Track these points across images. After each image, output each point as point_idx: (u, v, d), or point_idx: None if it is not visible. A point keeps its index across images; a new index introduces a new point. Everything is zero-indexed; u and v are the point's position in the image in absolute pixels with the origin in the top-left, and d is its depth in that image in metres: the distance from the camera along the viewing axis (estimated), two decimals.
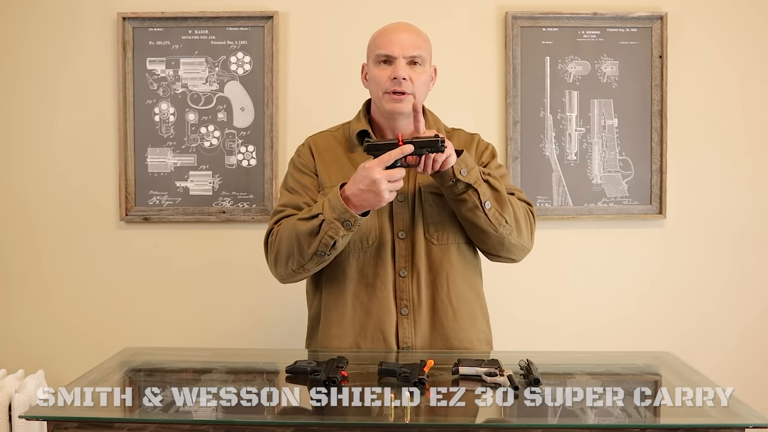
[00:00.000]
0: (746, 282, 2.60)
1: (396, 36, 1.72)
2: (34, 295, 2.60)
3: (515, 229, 1.70)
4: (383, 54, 1.71)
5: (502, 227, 1.68)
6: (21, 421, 2.25)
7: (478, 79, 2.57)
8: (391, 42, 1.71)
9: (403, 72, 1.68)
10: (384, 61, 1.71)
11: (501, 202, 1.68)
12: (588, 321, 2.59)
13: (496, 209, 1.67)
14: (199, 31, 2.56)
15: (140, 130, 2.57)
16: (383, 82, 1.71)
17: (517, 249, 1.74)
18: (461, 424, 1.33)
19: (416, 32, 1.75)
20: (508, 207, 1.68)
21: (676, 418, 1.41)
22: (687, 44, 2.57)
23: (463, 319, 1.75)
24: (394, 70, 1.69)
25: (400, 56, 1.70)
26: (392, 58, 1.70)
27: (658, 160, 2.56)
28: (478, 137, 1.87)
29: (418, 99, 1.72)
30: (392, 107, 1.71)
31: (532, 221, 1.77)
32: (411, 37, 1.72)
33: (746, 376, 2.57)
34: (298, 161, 1.82)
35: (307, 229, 1.63)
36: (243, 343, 2.54)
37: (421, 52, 1.71)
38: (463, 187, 1.63)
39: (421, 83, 1.72)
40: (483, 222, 1.67)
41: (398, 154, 1.57)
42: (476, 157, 1.81)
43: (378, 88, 1.73)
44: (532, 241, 1.78)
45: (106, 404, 1.42)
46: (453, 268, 1.75)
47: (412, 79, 1.70)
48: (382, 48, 1.72)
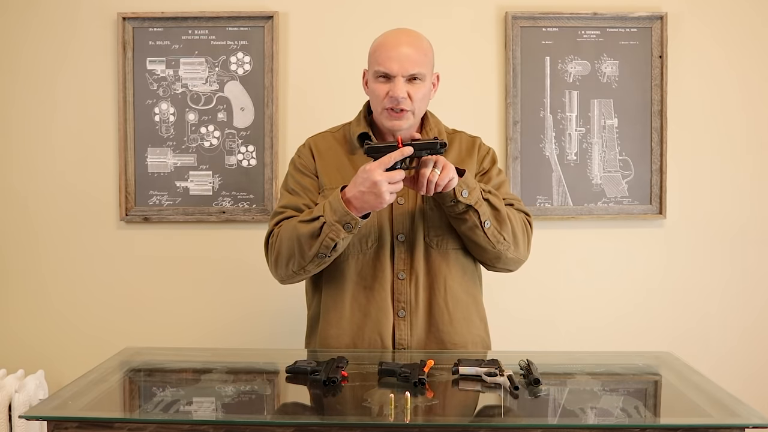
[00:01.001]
0: (746, 282, 2.60)
1: (395, 51, 1.69)
2: (34, 295, 2.60)
3: (513, 245, 1.73)
4: (382, 71, 1.70)
5: (500, 244, 1.71)
6: (21, 421, 2.25)
7: (478, 79, 2.57)
8: (390, 59, 1.69)
9: (401, 92, 1.68)
10: (383, 76, 1.71)
11: (500, 221, 1.70)
12: (588, 321, 2.59)
13: (495, 227, 1.69)
14: (199, 31, 2.56)
15: (140, 130, 2.57)
16: (382, 98, 1.71)
17: (513, 262, 1.78)
18: (461, 424, 1.33)
19: (416, 45, 1.72)
20: (507, 225, 1.71)
21: (676, 418, 1.41)
22: (687, 44, 2.57)
23: (458, 323, 1.75)
24: (393, 90, 1.68)
25: (398, 75, 1.68)
26: (391, 76, 1.69)
27: (658, 160, 2.56)
28: (480, 141, 1.87)
29: (418, 111, 1.73)
30: (391, 124, 1.72)
31: (529, 233, 1.80)
32: (411, 53, 1.69)
33: (746, 376, 2.57)
34: (299, 162, 1.83)
35: (308, 232, 1.63)
36: (243, 343, 2.54)
37: (420, 69, 1.69)
38: (463, 207, 1.65)
39: (420, 98, 1.72)
40: (482, 240, 1.70)
41: (398, 156, 1.59)
42: (477, 162, 1.82)
43: (377, 102, 1.73)
44: (528, 252, 1.81)
45: (106, 404, 1.42)
46: (451, 273, 1.75)
47: (411, 95, 1.69)
48: (381, 65, 1.70)
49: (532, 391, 1.43)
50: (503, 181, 1.83)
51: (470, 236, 1.70)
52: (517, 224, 1.74)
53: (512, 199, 1.81)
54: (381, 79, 1.71)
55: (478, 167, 1.81)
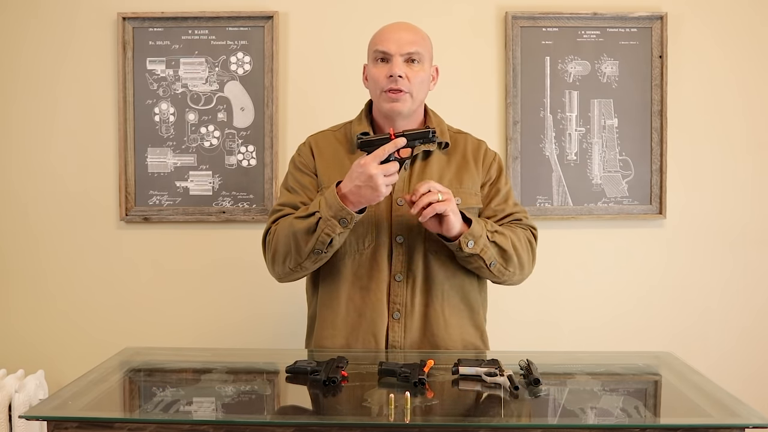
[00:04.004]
0: (746, 281, 2.60)
1: (393, 34, 1.72)
2: (34, 294, 2.60)
3: (518, 272, 1.75)
4: (380, 51, 1.71)
5: (504, 276, 1.74)
6: (21, 421, 2.25)
7: (478, 79, 2.57)
8: (388, 39, 1.71)
9: (399, 69, 1.68)
10: (381, 59, 1.71)
11: (507, 259, 1.71)
12: (588, 321, 2.59)
13: (501, 265, 1.71)
14: (199, 31, 2.56)
15: (140, 130, 2.57)
16: (380, 81, 1.71)
17: (517, 281, 1.80)
18: (461, 424, 1.33)
19: (414, 30, 1.75)
20: (514, 259, 1.72)
21: (676, 418, 1.41)
22: (687, 44, 2.57)
23: (453, 329, 1.75)
24: (391, 68, 1.69)
25: (396, 54, 1.69)
26: (389, 55, 1.70)
27: (658, 160, 2.56)
28: (486, 146, 1.85)
29: (417, 98, 1.72)
30: (390, 106, 1.71)
31: (535, 250, 1.80)
32: (408, 35, 1.72)
33: (746, 376, 2.57)
34: (299, 160, 1.82)
35: (304, 227, 1.63)
36: (243, 343, 2.54)
37: (418, 48, 1.71)
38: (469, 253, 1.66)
39: (419, 81, 1.71)
40: (486, 274, 1.74)
41: (392, 147, 1.59)
42: (483, 170, 1.81)
43: (376, 86, 1.73)
44: (533, 267, 1.82)
45: (106, 404, 1.42)
46: (449, 280, 1.75)
47: (409, 77, 1.69)
48: (379, 45, 1.72)
49: (532, 391, 1.43)
50: (510, 191, 1.83)
51: (475, 270, 1.73)
52: (523, 250, 1.74)
53: (519, 213, 1.80)
54: (380, 63, 1.72)
55: (484, 176, 1.81)
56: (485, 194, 1.80)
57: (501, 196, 1.79)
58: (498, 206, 1.79)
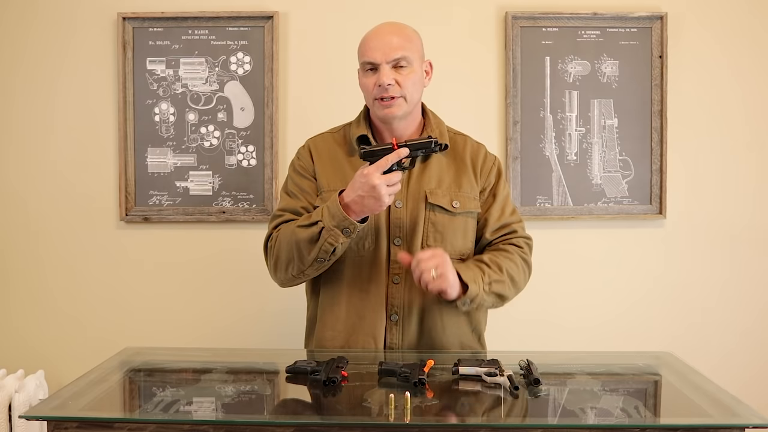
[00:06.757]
0: (746, 282, 2.60)
1: (377, 41, 1.70)
2: (34, 294, 2.60)
3: (513, 296, 1.79)
4: (367, 62, 1.71)
5: (498, 305, 1.78)
6: (21, 421, 2.25)
7: (478, 79, 2.57)
8: (374, 48, 1.70)
9: (387, 78, 1.68)
10: (370, 68, 1.71)
11: (504, 297, 1.76)
12: (588, 321, 2.59)
13: (497, 304, 1.76)
14: (199, 31, 2.56)
15: (140, 130, 2.57)
16: (371, 90, 1.71)
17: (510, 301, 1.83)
18: (461, 424, 1.33)
19: (399, 32, 1.72)
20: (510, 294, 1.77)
21: (676, 418, 1.41)
22: (687, 44, 2.57)
23: (452, 333, 1.75)
24: (379, 77, 1.68)
25: (383, 62, 1.68)
26: (376, 64, 1.69)
27: (658, 160, 2.56)
28: (485, 151, 1.85)
29: (412, 99, 1.72)
30: (384, 113, 1.72)
31: (530, 267, 1.83)
32: (393, 39, 1.70)
33: (746, 376, 2.57)
34: (297, 164, 1.82)
35: (307, 237, 1.63)
36: (243, 342, 2.54)
37: (404, 53, 1.69)
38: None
39: (411, 84, 1.71)
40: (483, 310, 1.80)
41: (395, 158, 1.60)
42: (483, 175, 1.81)
43: (368, 95, 1.74)
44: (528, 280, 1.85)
45: (106, 404, 1.42)
46: None
47: (399, 82, 1.69)
48: (365, 55, 1.71)
49: (532, 391, 1.43)
50: (507, 196, 1.84)
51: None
52: (519, 275, 1.77)
53: (514, 224, 1.82)
54: (369, 72, 1.72)
55: (484, 182, 1.81)
56: (484, 200, 1.81)
57: (498, 204, 1.80)
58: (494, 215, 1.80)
